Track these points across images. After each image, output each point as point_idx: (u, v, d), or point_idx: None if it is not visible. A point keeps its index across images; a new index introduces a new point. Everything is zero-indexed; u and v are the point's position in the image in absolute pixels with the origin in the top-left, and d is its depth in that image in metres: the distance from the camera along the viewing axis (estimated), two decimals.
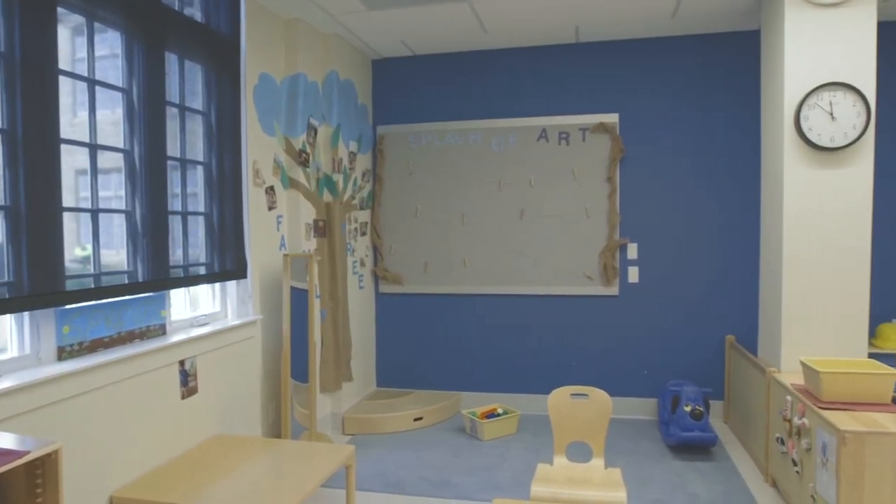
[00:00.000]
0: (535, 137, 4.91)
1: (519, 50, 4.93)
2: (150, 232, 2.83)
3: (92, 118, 2.57)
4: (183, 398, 3.03)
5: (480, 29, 4.47)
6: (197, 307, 3.42)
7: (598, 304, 4.88)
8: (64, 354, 2.42)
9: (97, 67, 2.59)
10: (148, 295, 2.86)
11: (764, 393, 3.56)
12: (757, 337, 4.18)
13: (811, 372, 2.92)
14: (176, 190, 3.08)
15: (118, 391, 2.61)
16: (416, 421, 4.60)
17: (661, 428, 4.41)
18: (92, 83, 2.57)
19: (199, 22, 3.21)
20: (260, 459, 2.94)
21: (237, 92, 3.49)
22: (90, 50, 2.56)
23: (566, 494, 2.60)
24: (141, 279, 2.79)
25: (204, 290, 3.48)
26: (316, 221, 4.29)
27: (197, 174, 3.26)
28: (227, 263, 3.41)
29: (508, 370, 5.05)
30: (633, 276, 4.81)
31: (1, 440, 1.71)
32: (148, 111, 2.83)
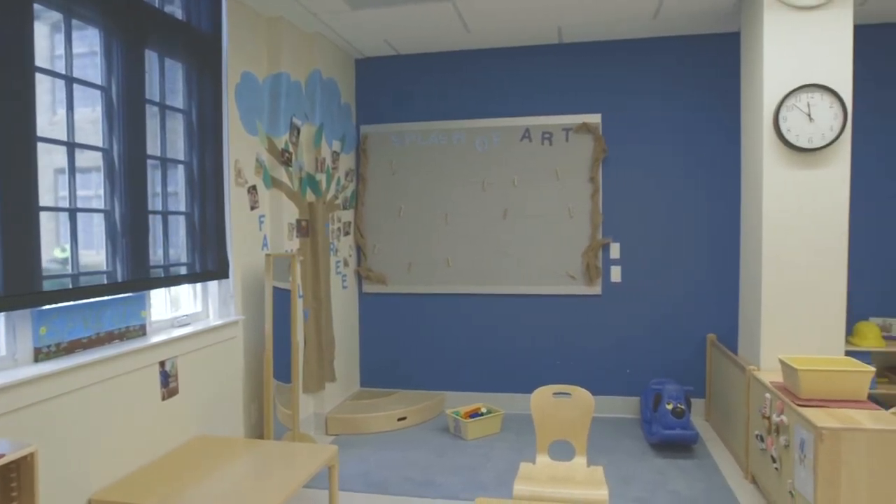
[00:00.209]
0: (518, 137, 4.93)
1: (502, 50, 4.95)
2: (129, 231, 2.80)
3: (70, 116, 2.54)
4: (163, 399, 3.00)
5: (464, 29, 4.48)
6: (178, 307, 3.39)
7: (580, 303, 4.90)
8: (41, 356, 2.38)
9: (75, 65, 2.56)
10: (127, 295, 2.83)
11: (744, 391, 3.60)
12: (737, 335, 4.23)
13: (789, 370, 2.96)
14: (156, 189, 3.05)
15: (97, 393, 2.58)
16: (399, 421, 4.59)
17: (643, 426, 4.45)
18: (70, 81, 2.54)
19: (179, 19, 3.18)
20: (242, 460, 2.92)
21: (218, 90, 3.47)
22: (68, 47, 2.52)
23: (549, 493, 2.61)
24: (120, 279, 2.76)
25: (185, 290, 3.44)
26: (299, 221, 4.26)
27: (178, 173, 3.23)
28: (208, 263, 3.39)
29: (492, 370, 5.06)
30: (615, 275, 4.84)
31: None
32: (127, 109, 2.80)
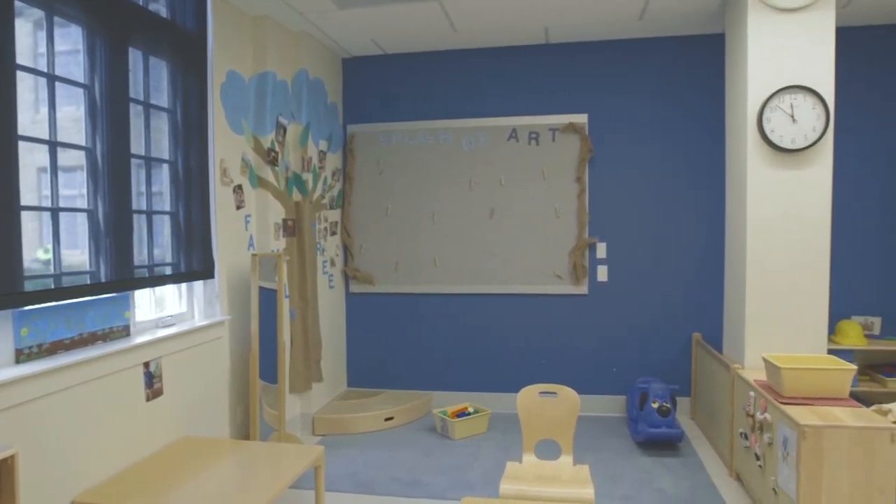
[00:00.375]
0: (505, 137, 4.94)
1: (489, 50, 4.95)
2: (113, 231, 2.77)
3: (52, 115, 2.51)
4: (148, 400, 2.97)
5: (451, 28, 4.48)
6: (163, 308, 3.36)
7: (567, 302, 4.92)
8: (22, 357, 2.35)
9: (58, 63, 2.53)
10: (111, 296, 2.80)
11: (728, 389, 3.63)
12: (722, 334, 4.27)
13: (773, 368, 2.99)
14: (141, 188, 3.02)
15: (80, 394, 2.55)
16: (386, 421, 4.59)
17: (629, 425, 4.48)
18: (52, 79, 2.51)
19: (164, 17, 3.15)
20: (227, 461, 2.91)
21: (204, 89, 3.44)
22: (50, 45, 2.49)
23: (535, 492, 2.62)
24: (104, 279, 2.73)
25: (170, 290, 3.42)
26: (285, 221, 4.24)
27: (162, 172, 3.20)
28: (193, 263, 3.36)
29: (479, 369, 5.07)
30: (602, 275, 4.87)
31: None
32: (111, 108, 2.77)
